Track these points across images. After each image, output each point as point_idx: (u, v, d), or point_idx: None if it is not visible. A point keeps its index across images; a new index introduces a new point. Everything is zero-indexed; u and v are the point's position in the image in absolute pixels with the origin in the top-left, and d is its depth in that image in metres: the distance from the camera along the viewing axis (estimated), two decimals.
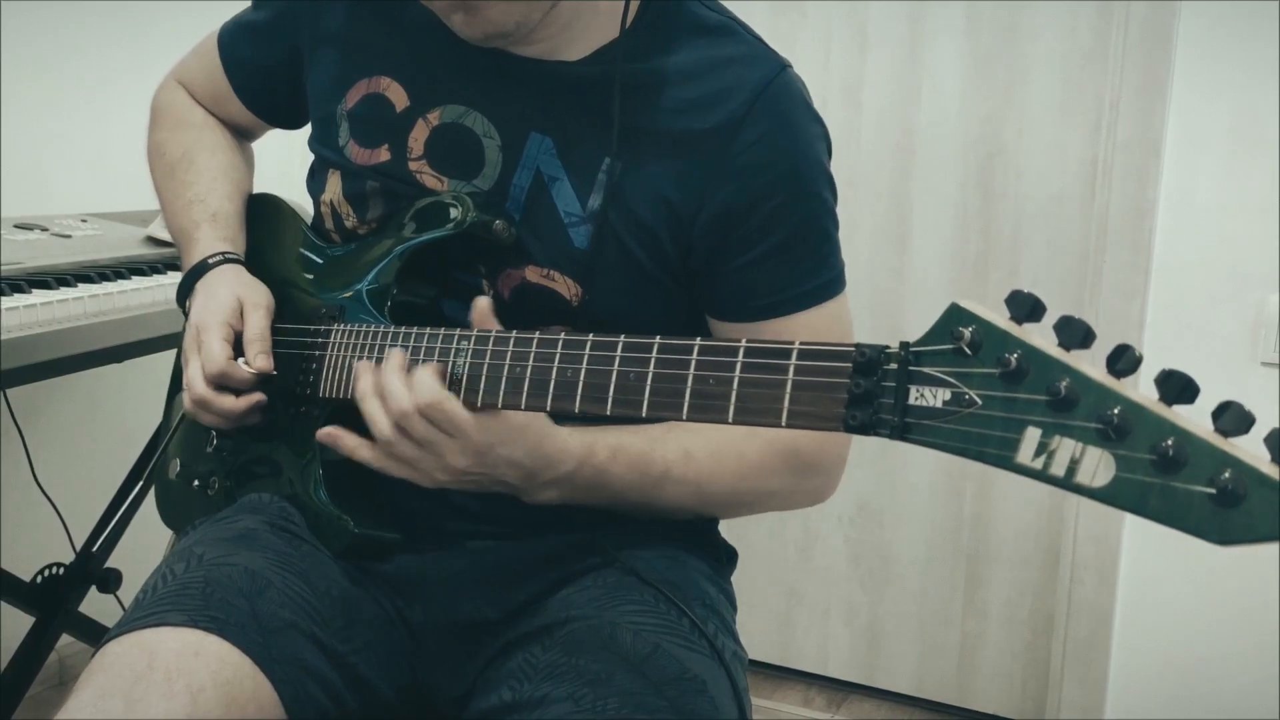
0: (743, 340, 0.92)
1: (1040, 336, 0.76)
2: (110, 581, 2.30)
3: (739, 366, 0.91)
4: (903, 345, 0.81)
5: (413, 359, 1.11)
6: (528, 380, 1.04)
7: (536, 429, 1.11)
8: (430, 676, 1.24)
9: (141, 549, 1.90)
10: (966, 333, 0.76)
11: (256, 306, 1.28)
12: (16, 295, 1.73)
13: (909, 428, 0.80)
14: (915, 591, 2.90)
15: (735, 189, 1.19)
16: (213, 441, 1.37)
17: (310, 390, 1.26)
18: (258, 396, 1.25)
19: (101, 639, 1.09)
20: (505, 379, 1.05)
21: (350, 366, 1.20)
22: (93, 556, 2.27)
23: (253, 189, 1.51)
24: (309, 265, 1.35)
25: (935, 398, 0.78)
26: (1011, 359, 0.74)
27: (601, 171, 1.20)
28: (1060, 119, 2.65)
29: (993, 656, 2.84)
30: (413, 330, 1.15)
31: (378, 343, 1.18)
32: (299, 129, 1.48)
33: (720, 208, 1.19)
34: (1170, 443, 0.68)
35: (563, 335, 1.03)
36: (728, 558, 1.38)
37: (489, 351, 1.07)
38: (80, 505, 2.42)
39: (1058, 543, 2.72)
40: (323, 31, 1.34)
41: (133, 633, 1.07)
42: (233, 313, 1.27)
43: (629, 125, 1.20)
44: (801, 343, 0.88)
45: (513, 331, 1.07)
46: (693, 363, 0.94)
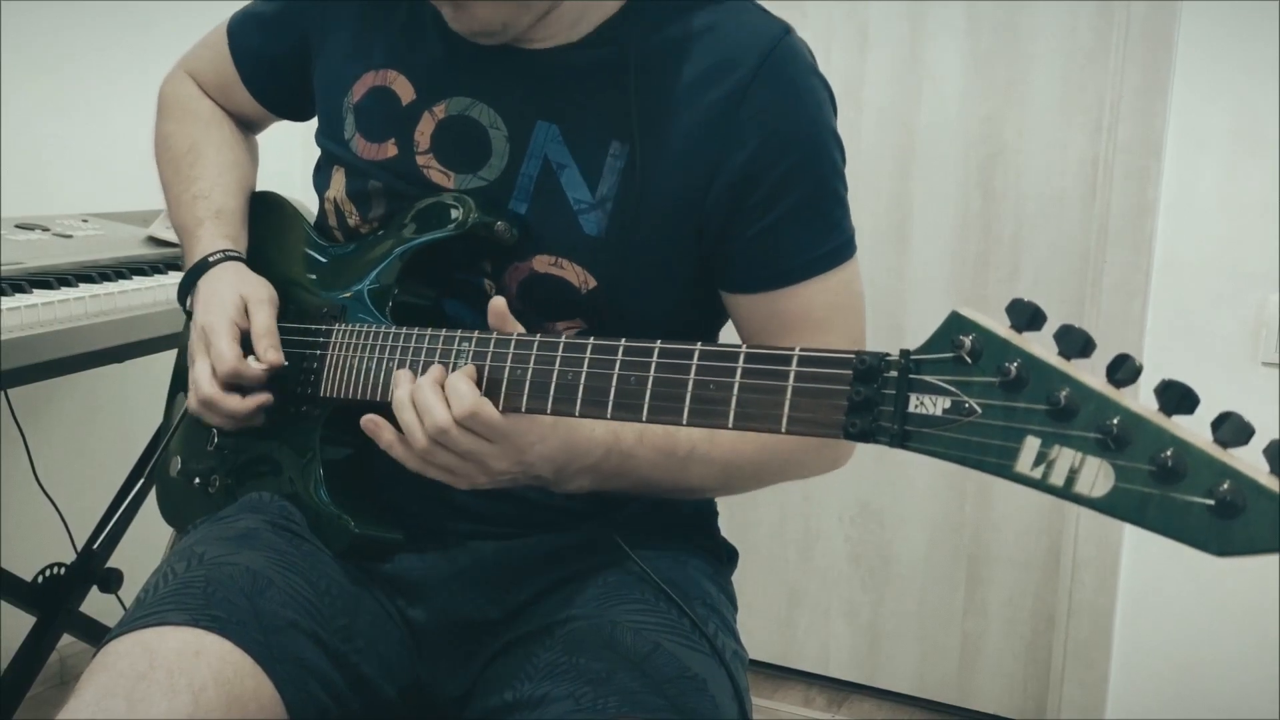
0: (743, 346, 0.92)
1: (1040, 345, 0.76)
2: (111, 581, 2.30)
3: (739, 372, 0.91)
4: (903, 353, 0.81)
5: (442, 362, 1.10)
6: (528, 383, 1.04)
7: (566, 423, 1.10)
8: (431, 676, 1.24)
9: (142, 549, 1.90)
10: (967, 341, 0.76)
11: (261, 302, 1.28)
12: (18, 295, 1.73)
13: (908, 435, 0.80)
14: (916, 591, 2.90)
15: (746, 157, 1.18)
16: (214, 440, 1.37)
17: (311, 390, 1.25)
18: (265, 397, 1.25)
19: (103, 639, 1.10)
20: (506, 381, 1.05)
21: (351, 366, 1.20)
22: (94, 556, 2.27)
23: (256, 185, 1.51)
24: (311, 264, 1.35)
25: (935, 406, 0.78)
26: (1011, 368, 0.74)
27: (610, 155, 1.20)
28: (1061, 119, 2.65)
29: (993, 656, 2.84)
30: (414, 331, 1.15)
31: (378, 343, 1.18)
32: (306, 121, 1.47)
33: (732, 177, 1.18)
34: (1169, 453, 0.68)
35: (564, 339, 1.03)
36: (728, 557, 1.38)
37: (489, 354, 1.07)
38: (81, 505, 2.42)
39: (1058, 543, 2.72)
40: (331, 24, 1.34)
41: (134, 632, 1.07)
42: (238, 311, 1.27)
43: (635, 104, 1.19)
44: (802, 348, 0.88)
45: (513, 334, 1.07)
46: (693, 367, 0.94)
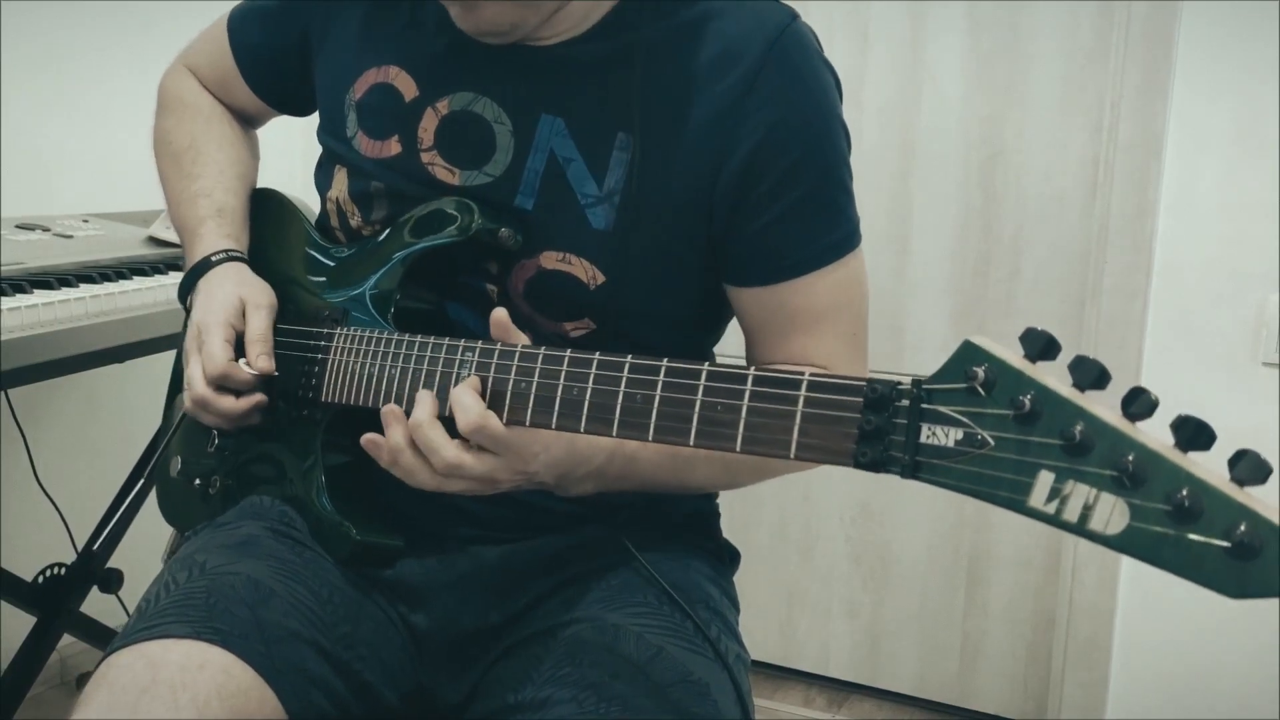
0: (751, 368, 0.91)
1: (1054, 376, 0.75)
2: (112, 581, 2.30)
3: (747, 394, 0.90)
4: (915, 382, 0.80)
5: (445, 371, 1.10)
6: (532, 396, 1.03)
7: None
8: (434, 681, 1.24)
9: (143, 549, 1.90)
10: (980, 372, 0.75)
11: (259, 307, 1.27)
12: (18, 295, 1.73)
13: (920, 466, 0.79)
14: (916, 592, 2.90)
15: (753, 146, 1.16)
16: (214, 441, 1.36)
17: (312, 394, 1.25)
18: (258, 398, 1.25)
19: (105, 650, 1.10)
20: (510, 394, 1.04)
21: (354, 373, 1.20)
22: (94, 556, 2.27)
23: (257, 182, 1.49)
24: (312, 264, 1.34)
25: (947, 437, 0.77)
26: (1025, 400, 0.74)
27: (616, 148, 1.19)
28: (1061, 119, 2.64)
29: (994, 657, 2.84)
30: (416, 339, 1.14)
31: (381, 349, 1.17)
32: (307, 116, 1.46)
33: (739, 166, 1.17)
34: (1185, 493, 0.67)
35: (569, 353, 1.02)
36: (730, 558, 1.38)
37: (493, 365, 1.06)
38: (81, 505, 2.42)
39: (1059, 543, 2.72)
40: (333, 20, 1.33)
41: (136, 645, 1.07)
42: (235, 312, 1.26)
43: (641, 95, 1.18)
44: (811, 373, 0.87)
45: (517, 346, 1.06)
46: (700, 388, 0.93)
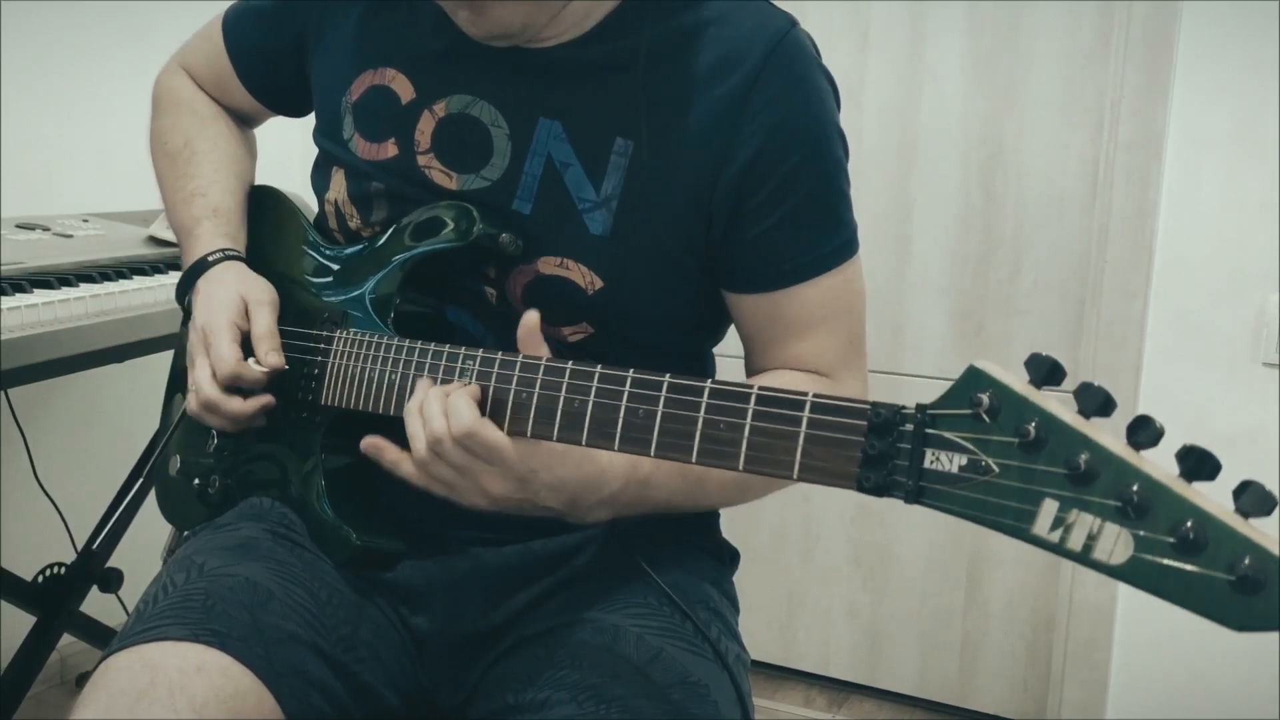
0: (755, 386, 0.91)
1: (1058, 401, 0.75)
2: (111, 581, 2.30)
3: (750, 413, 0.90)
4: (919, 407, 0.80)
5: (445, 379, 1.09)
6: (533, 407, 1.02)
7: (578, 452, 1.07)
8: (433, 683, 1.24)
9: (142, 549, 1.90)
10: (984, 398, 0.75)
11: (262, 304, 1.27)
12: (18, 295, 1.73)
13: (923, 492, 0.79)
14: (916, 592, 2.90)
15: (752, 153, 1.16)
16: (213, 441, 1.36)
17: (312, 397, 1.25)
18: (266, 399, 1.24)
19: (104, 651, 1.09)
20: (510, 404, 1.04)
21: (354, 376, 1.19)
22: (94, 556, 2.27)
23: (254, 180, 1.49)
24: (311, 265, 1.33)
25: (951, 463, 0.77)
26: (1030, 428, 0.73)
27: (614, 153, 1.18)
28: (1062, 119, 2.64)
29: (994, 657, 2.84)
30: (418, 344, 1.14)
31: (380, 353, 1.17)
32: (303, 117, 1.45)
33: (738, 172, 1.16)
34: (1190, 525, 0.67)
35: (570, 364, 1.02)
36: (730, 558, 1.38)
37: (494, 374, 1.06)
38: (81, 505, 2.42)
39: None
40: (329, 21, 1.32)
41: (134, 647, 1.06)
42: (238, 312, 1.26)
43: (638, 99, 1.17)
44: (815, 395, 0.87)
45: (518, 356, 1.05)
46: (703, 405, 0.92)
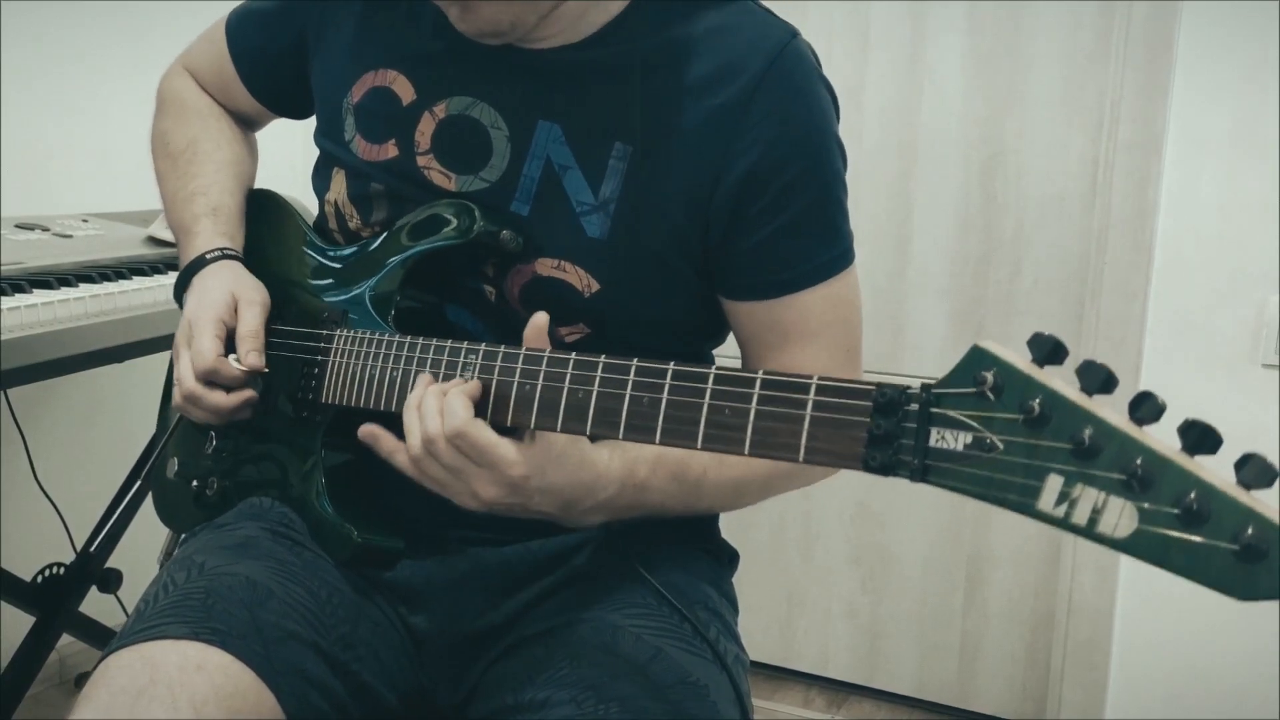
0: (759, 371, 0.91)
1: (1061, 379, 0.75)
2: (110, 581, 2.30)
3: (755, 398, 0.89)
4: (924, 387, 0.80)
5: (447, 374, 1.09)
6: (536, 400, 1.02)
7: (575, 456, 1.07)
8: (433, 682, 1.24)
9: (142, 549, 1.89)
10: (989, 376, 0.75)
11: (251, 303, 1.27)
12: (18, 295, 1.72)
13: (929, 470, 0.79)
14: (915, 592, 2.90)
15: (751, 162, 1.16)
16: (212, 441, 1.36)
17: (313, 396, 1.25)
18: (249, 394, 1.24)
19: (104, 650, 1.09)
20: (513, 397, 1.04)
21: (355, 374, 1.20)
22: (93, 556, 2.27)
23: (255, 183, 1.49)
24: (310, 265, 1.34)
25: (956, 441, 0.77)
26: (1034, 405, 0.73)
27: (613, 157, 1.18)
28: (1062, 119, 2.65)
29: (993, 657, 2.84)
30: (419, 340, 1.14)
31: (381, 351, 1.17)
32: (305, 119, 1.46)
33: (737, 181, 1.17)
34: (1193, 496, 0.68)
35: (574, 355, 1.02)
36: (729, 559, 1.38)
37: (496, 368, 1.06)
38: (80, 505, 2.42)
39: (1058, 543, 2.72)
40: (330, 23, 1.33)
41: (134, 645, 1.06)
42: (226, 309, 1.26)
43: (639, 105, 1.18)
44: (820, 377, 0.87)
45: (521, 349, 1.05)
46: (708, 391, 0.92)
